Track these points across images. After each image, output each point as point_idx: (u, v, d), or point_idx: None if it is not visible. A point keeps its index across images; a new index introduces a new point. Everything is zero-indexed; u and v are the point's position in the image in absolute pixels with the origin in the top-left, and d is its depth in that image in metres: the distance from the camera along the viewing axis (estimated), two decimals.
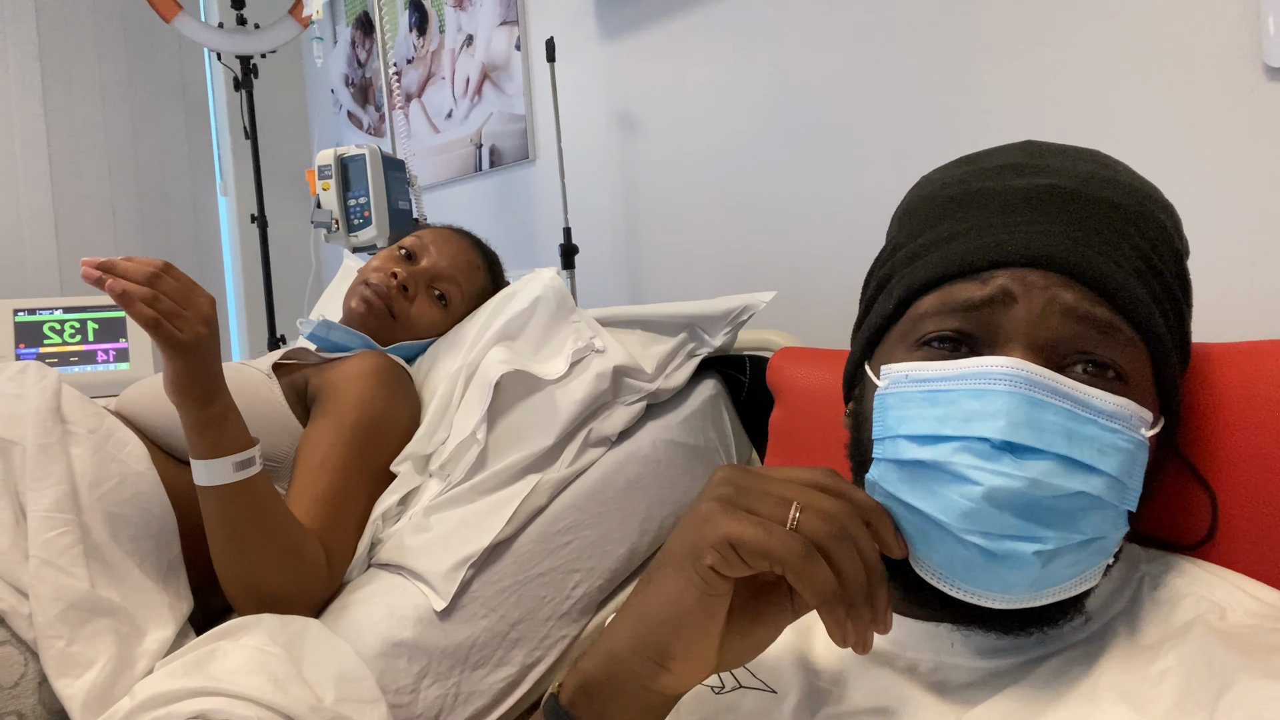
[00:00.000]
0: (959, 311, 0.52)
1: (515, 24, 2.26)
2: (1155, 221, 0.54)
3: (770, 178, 1.71)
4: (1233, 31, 1.13)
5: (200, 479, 0.90)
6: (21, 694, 0.80)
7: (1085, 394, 0.48)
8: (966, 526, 0.47)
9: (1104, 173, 0.55)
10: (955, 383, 0.50)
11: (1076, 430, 0.47)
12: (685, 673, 0.48)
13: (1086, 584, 0.50)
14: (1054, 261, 0.51)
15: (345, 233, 1.88)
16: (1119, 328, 0.50)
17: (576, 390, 1.19)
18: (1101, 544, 0.49)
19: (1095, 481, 0.47)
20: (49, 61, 2.73)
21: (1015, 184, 0.55)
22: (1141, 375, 0.51)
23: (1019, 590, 0.48)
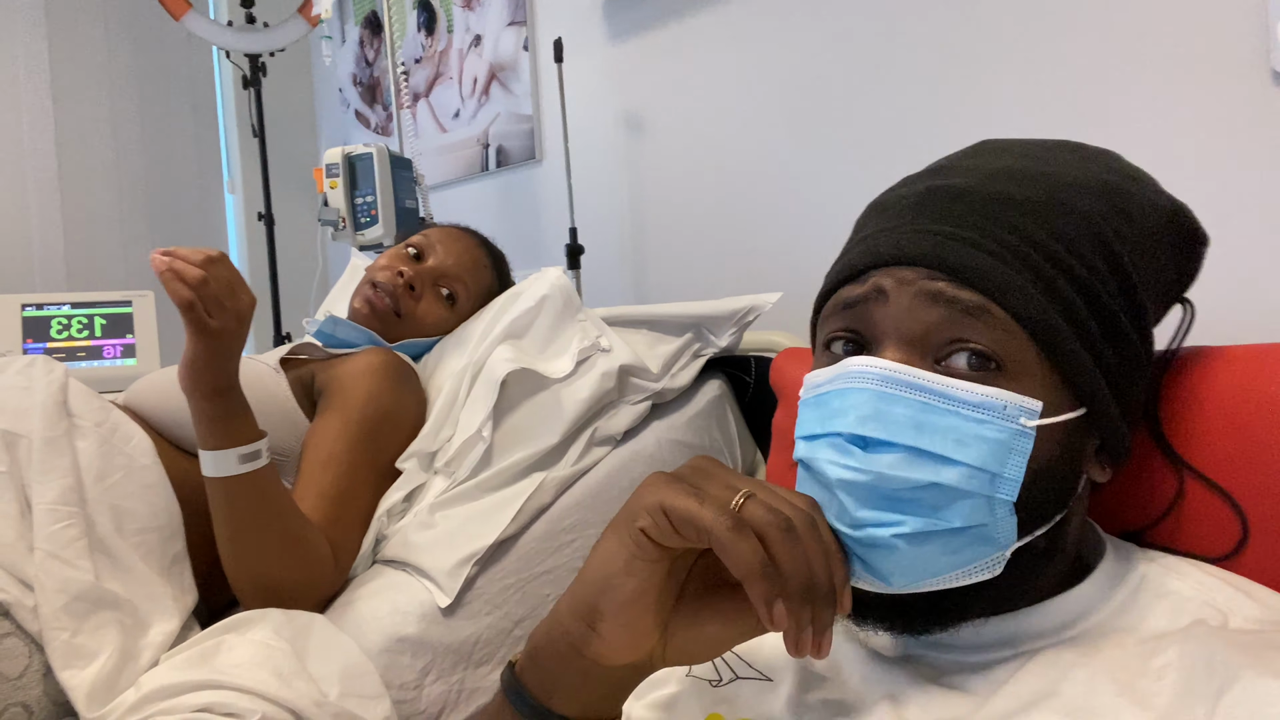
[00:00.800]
0: (844, 310, 0.55)
1: (523, 24, 2.27)
2: (1069, 211, 0.53)
3: (777, 179, 1.71)
4: (1240, 36, 1.13)
5: (207, 470, 0.90)
6: (27, 685, 0.80)
7: (946, 386, 0.49)
8: (830, 517, 0.50)
9: (1021, 166, 0.56)
10: (829, 385, 0.53)
11: (930, 422, 0.48)
12: (614, 639, 0.48)
13: (978, 575, 0.50)
14: (918, 258, 0.52)
15: (352, 231, 1.88)
16: (989, 310, 0.50)
17: (582, 389, 1.19)
18: (982, 532, 0.49)
19: (950, 472, 0.48)
20: (58, 58, 2.74)
21: (912, 189, 0.58)
22: (1025, 361, 0.50)
23: (896, 579, 0.50)
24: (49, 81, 2.72)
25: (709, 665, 0.59)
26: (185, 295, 0.84)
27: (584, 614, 0.48)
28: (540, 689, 0.50)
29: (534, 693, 0.50)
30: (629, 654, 0.49)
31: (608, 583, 0.47)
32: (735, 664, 0.58)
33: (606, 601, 0.47)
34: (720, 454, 1.33)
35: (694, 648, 0.50)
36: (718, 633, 0.49)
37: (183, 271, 0.84)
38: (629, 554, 0.47)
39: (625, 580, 0.47)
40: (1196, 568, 0.55)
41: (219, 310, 0.86)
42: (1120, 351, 0.53)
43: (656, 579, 0.47)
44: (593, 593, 0.48)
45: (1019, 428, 0.49)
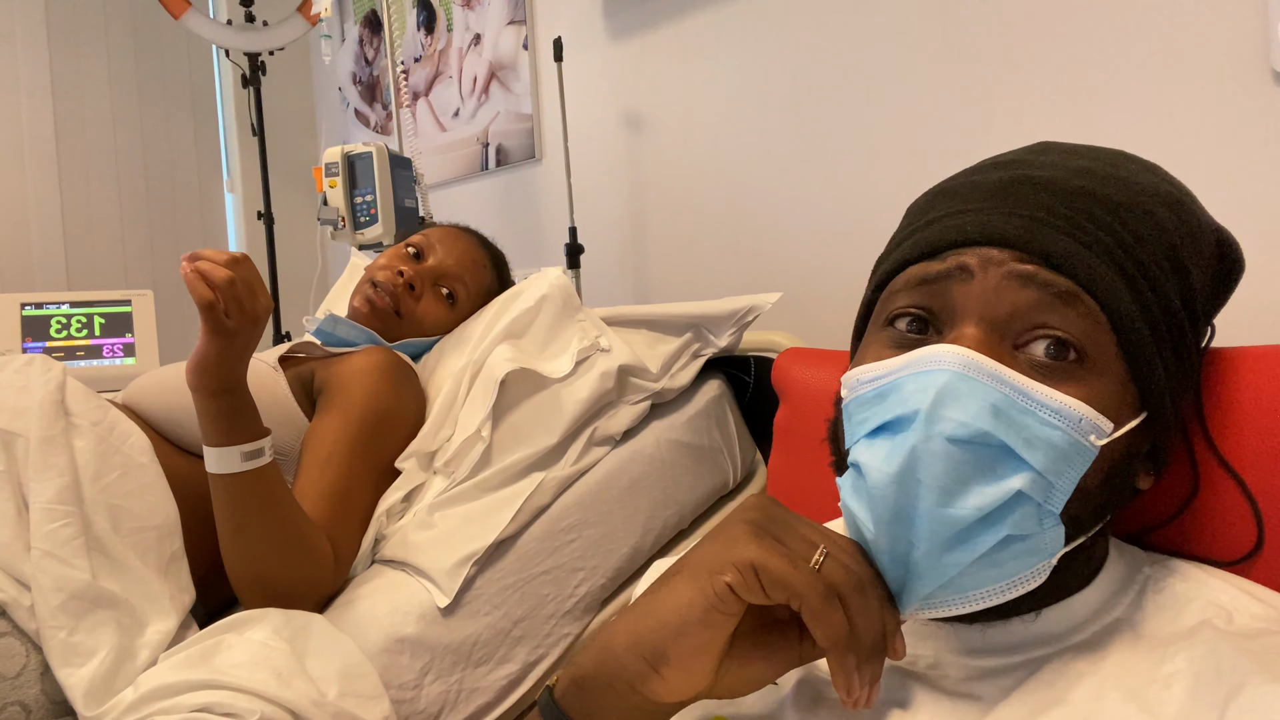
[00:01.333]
0: (919, 286, 0.53)
1: (523, 23, 2.26)
2: (1145, 213, 0.53)
3: (776, 178, 1.71)
4: (1240, 36, 1.13)
5: (211, 466, 0.90)
6: (24, 684, 0.80)
7: (1027, 385, 0.48)
8: (892, 485, 0.48)
9: (1098, 167, 0.55)
10: (899, 373, 0.51)
11: (1008, 413, 0.47)
12: (675, 681, 0.47)
13: (1022, 587, 0.48)
14: (1010, 239, 0.51)
15: (351, 230, 1.88)
16: (1080, 298, 0.49)
17: (581, 389, 1.19)
18: (1029, 543, 0.47)
19: (1017, 478, 0.46)
20: (57, 57, 2.74)
21: (995, 176, 0.56)
22: (1106, 357, 0.49)
23: (940, 598, 0.48)
24: (49, 81, 2.72)
25: None
26: (208, 295, 0.85)
27: (648, 655, 0.47)
28: (581, 715, 0.49)
29: (574, 718, 0.50)
30: (685, 695, 0.49)
31: (682, 630, 0.46)
32: None
33: (676, 648, 0.47)
34: (719, 454, 1.33)
35: (740, 685, 0.50)
36: (764, 671, 0.49)
37: (209, 273, 0.85)
38: (708, 604, 0.46)
39: (701, 631, 0.46)
40: (1199, 569, 0.55)
41: (237, 311, 0.86)
42: (1180, 358, 0.53)
43: (730, 629, 0.47)
44: (663, 638, 0.47)
45: (1086, 444, 0.48)
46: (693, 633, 0.46)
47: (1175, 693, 0.45)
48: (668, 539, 1.23)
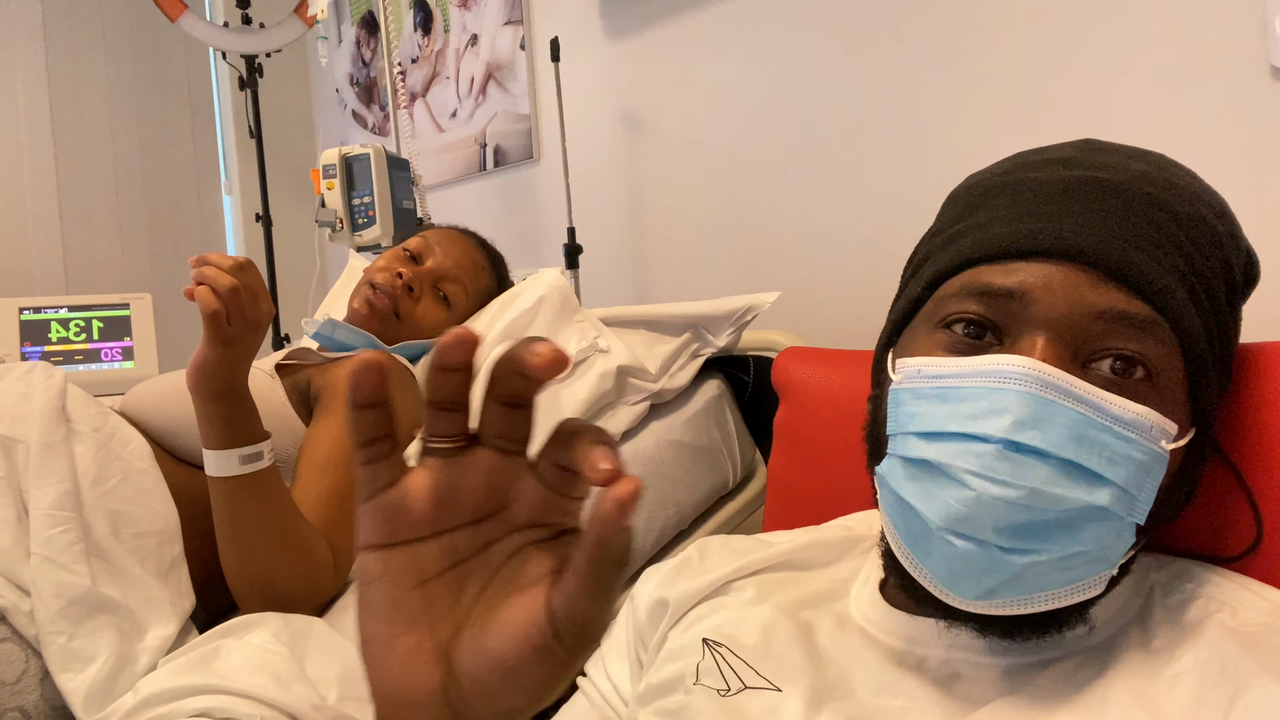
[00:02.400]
0: (981, 296, 0.51)
1: (520, 23, 2.26)
2: (1205, 225, 0.52)
3: (775, 178, 1.71)
4: (1238, 32, 1.13)
5: (210, 469, 0.90)
6: (24, 690, 0.80)
7: (1103, 400, 0.46)
8: (952, 530, 0.46)
9: (1156, 173, 0.53)
10: (967, 380, 0.48)
11: (1088, 435, 0.45)
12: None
13: (1084, 593, 0.48)
14: (1085, 254, 0.49)
15: (350, 232, 1.88)
16: (1157, 324, 0.48)
17: (580, 390, 1.19)
18: (1102, 554, 0.47)
19: (1102, 492, 0.45)
20: (55, 60, 2.73)
21: (1058, 175, 0.54)
22: (1173, 376, 0.49)
23: (1003, 595, 0.47)
24: (46, 84, 2.71)
25: (718, 675, 0.57)
26: (213, 305, 0.85)
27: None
28: None
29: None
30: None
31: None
32: (745, 673, 0.57)
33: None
34: (719, 454, 1.33)
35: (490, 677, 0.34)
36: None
37: (214, 280, 0.85)
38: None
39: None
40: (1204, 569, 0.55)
41: (239, 318, 0.87)
42: (1224, 378, 0.53)
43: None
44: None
45: (1159, 450, 0.47)
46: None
47: (1180, 694, 0.45)
48: (668, 539, 1.23)
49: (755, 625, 0.60)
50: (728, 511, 1.33)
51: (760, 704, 0.55)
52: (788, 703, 0.54)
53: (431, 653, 0.34)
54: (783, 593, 0.64)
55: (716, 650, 0.59)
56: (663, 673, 0.61)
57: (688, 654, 0.60)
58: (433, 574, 0.34)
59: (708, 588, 0.66)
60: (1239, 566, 0.56)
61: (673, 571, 0.69)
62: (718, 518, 1.32)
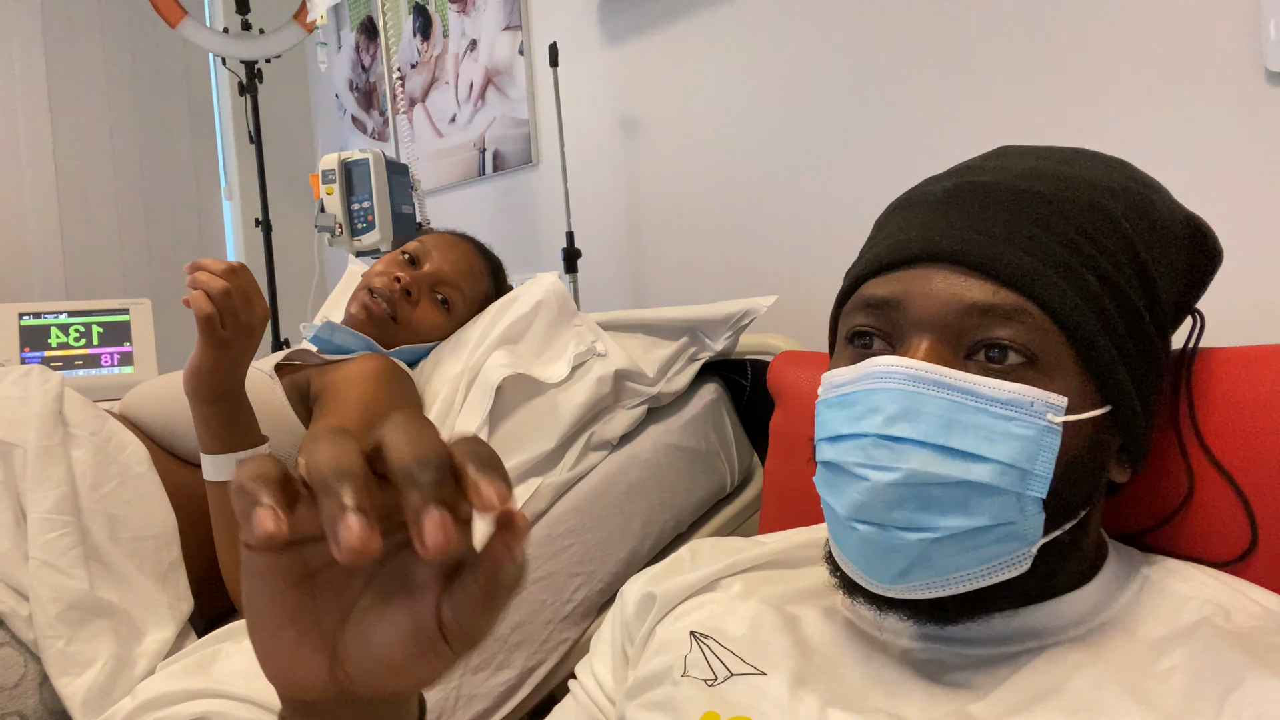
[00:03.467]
0: (868, 308, 0.55)
1: (518, 29, 2.27)
2: (1096, 209, 0.53)
3: (772, 182, 1.72)
4: (1234, 36, 1.13)
5: (208, 474, 0.91)
6: (23, 694, 0.81)
7: (975, 384, 0.49)
8: (857, 518, 0.51)
9: (1048, 166, 0.56)
10: (854, 385, 0.53)
11: (960, 420, 0.49)
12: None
13: (1003, 573, 0.50)
14: (953, 254, 0.52)
15: (349, 237, 1.88)
16: (1026, 310, 0.50)
17: (578, 394, 1.19)
18: (1010, 529, 0.49)
19: (981, 469, 0.48)
20: (54, 67, 2.74)
21: (942, 186, 0.57)
22: (1057, 356, 0.51)
23: (920, 577, 0.50)
24: (45, 90, 2.72)
25: (705, 665, 0.58)
26: (207, 309, 0.85)
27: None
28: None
29: None
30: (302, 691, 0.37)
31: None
32: (731, 661, 0.58)
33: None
34: (717, 457, 1.33)
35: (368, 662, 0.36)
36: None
37: (207, 284, 0.85)
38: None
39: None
40: (1197, 569, 0.56)
41: (233, 321, 0.87)
42: (1143, 350, 0.54)
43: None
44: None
45: (1047, 424, 0.49)
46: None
47: (1173, 686, 0.46)
48: (665, 543, 1.23)
49: (743, 617, 0.61)
50: (725, 515, 1.33)
51: (746, 688, 0.55)
52: (772, 684, 0.55)
53: (316, 644, 0.35)
54: (770, 588, 0.64)
55: (704, 642, 0.60)
56: (651, 665, 0.61)
57: (675, 647, 0.61)
58: (317, 570, 0.35)
59: (696, 583, 0.67)
60: (1234, 570, 0.57)
61: (663, 570, 0.71)
62: (715, 521, 1.32)
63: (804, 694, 0.53)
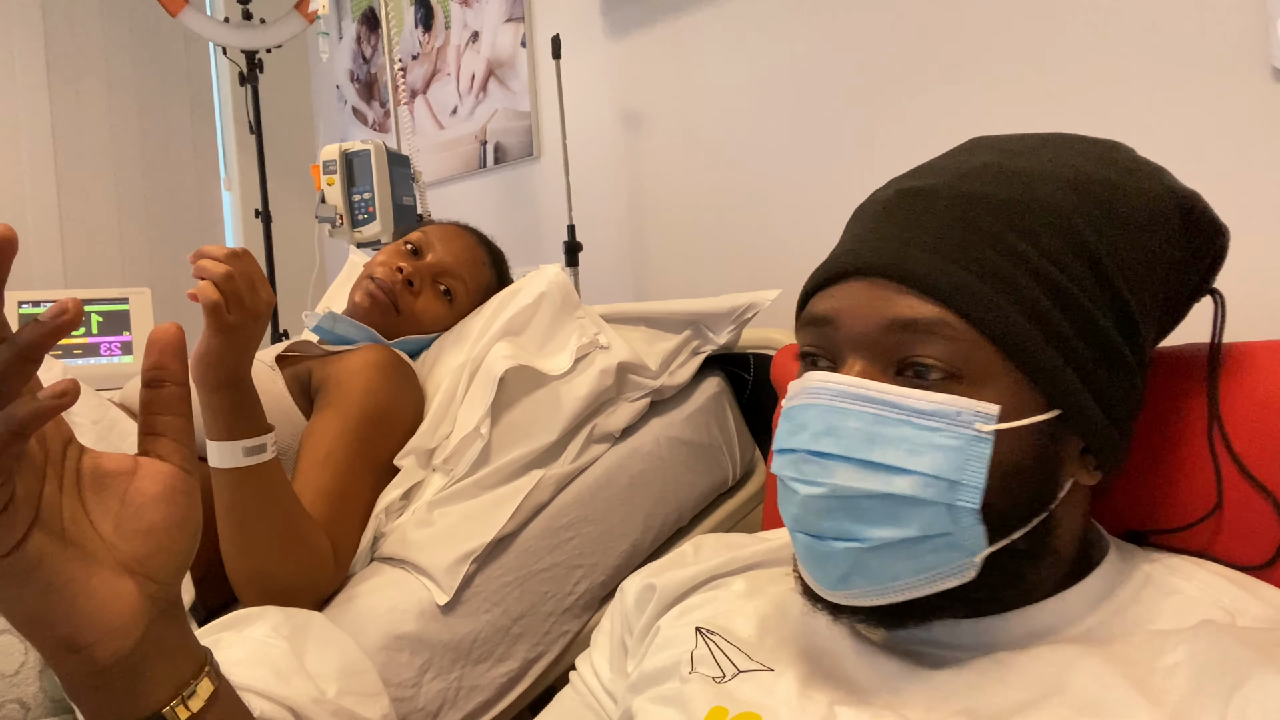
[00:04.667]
0: (809, 326, 0.56)
1: (521, 21, 2.26)
2: (1040, 207, 0.52)
3: (775, 175, 1.71)
4: (1240, 33, 1.13)
5: (213, 460, 0.90)
6: (23, 681, 0.80)
7: (899, 397, 0.49)
8: (796, 528, 0.53)
9: (1002, 161, 0.55)
10: (793, 400, 0.54)
11: (882, 433, 0.49)
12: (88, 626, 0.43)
13: (946, 581, 0.50)
14: (876, 268, 0.52)
15: (349, 228, 1.88)
16: (946, 323, 0.50)
17: (581, 386, 1.19)
18: (946, 540, 0.49)
19: (903, 481, 0.48)
20: (55, 54, 2.73)
21: (884, 193, 0.58)
22: (988, 368, 0.50)
23: (859, 585, 0.51)
24: (45, 78, 2.71)
25: (712, 662, 0.58)
26: (213, 297, 0.84)
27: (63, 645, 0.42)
28: None
29: None
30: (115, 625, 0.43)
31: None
32: (737, 658, 0.58)
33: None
34: (719, 451, 1.33)
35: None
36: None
37: (210, 270, 0.85)
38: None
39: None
40: (1201, 567, 0.55)
41: (238, 306, 0.86)
42: (1101, 351, 0.52)
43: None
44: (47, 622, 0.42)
45: (975, 434, 0.49)
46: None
47: (1178, 682, 0.45)
48: (667, 536, 1.23)
49: (749, 616, 0.62)
50: (727, 509, 1.33)
51: (754, 685, 0.55)
52: (780, 682, 0.55)
53: (114, 571, 0.42)
54: (775, 586, 0.64)
55: (710, 639, 0.60)
56: (656, 660, 0.61)
57: (681, 642, 0.61)
58: (48, 524, 0.41)
59: (697, 577, 0.67)
60: (1263, 576, 0.55)
61: (665, 563, 0.72)
62: (717, 515, 1.32)
63: (812, 692, 0.54)
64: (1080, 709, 0.46)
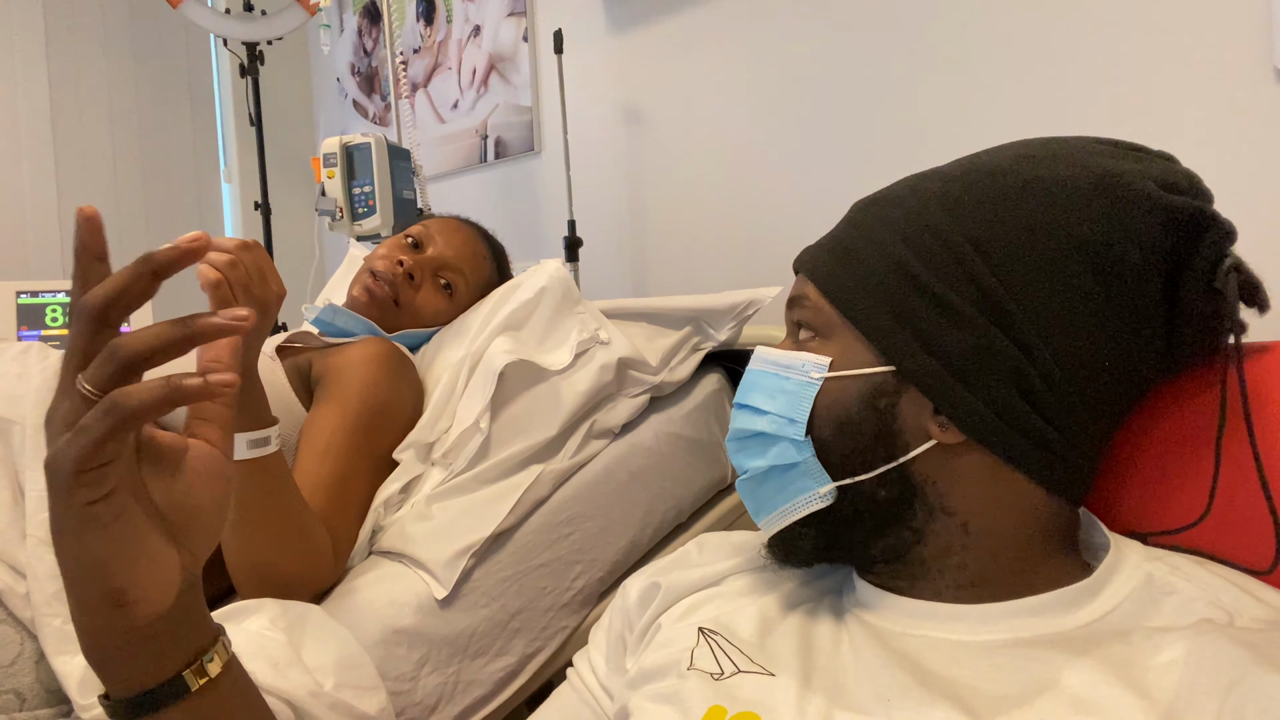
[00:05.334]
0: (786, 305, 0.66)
1: (523, 15, 2.26)
2: (913, 197, 0.59)
3: (776, 172, 1.71)
4: (1243, 34, 1.13)
5: None
6: (19, 672, 0.80)
7: (773, 355, 0.61)
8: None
9: (944, 167, 0.62)
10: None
11: (759, 383, 0.62)
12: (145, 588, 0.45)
13: (807, 507, 0.58)
14: (796, 263, 0.65)
15: (349, 221, 1.88)
16: (808, 295, 0.61)
17: (580, 381, 1.19)
18: (798, 469, 0.59)
19: (762, 420, 0.60)
20: (55, 45, 2.72)
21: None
22: (832, 328, 0.59)
23: (762, 516, 0.62)
24: (45, 69, 2.70)
25: (712, 660, 0.58)
26: (212, 277, 0.83)
27: (110, 602, 0.44)
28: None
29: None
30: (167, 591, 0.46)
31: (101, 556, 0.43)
32: (737, 658, 0.58)
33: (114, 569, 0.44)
34: (718, 447, 1.32)
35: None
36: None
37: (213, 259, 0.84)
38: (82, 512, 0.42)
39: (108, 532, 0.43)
40: (1202, 566, 0.55)
41: (245, 296, 0.85)
42: (948, 317, 0.55)
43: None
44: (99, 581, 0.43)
45: (807, 379, 0.59)
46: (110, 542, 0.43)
47: (1173, 679, 0.45)
48: (666, 532, 1.23)
49: (751, 618, 0.62)
50: (726, 505, 1.33)
51: (753, 685, 0.55)
52: (780, 684, 0.55)
53: (163, 534, 0.45)
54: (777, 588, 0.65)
55: (711, 638, 0.60)
56: (656, 657, 0.62)
57: (682, 640, 0.61)
58: (131, 484, 0.44)
59: (702, 580, 0.68)
60: (1270, 580, 0.54)
61: (670, 562, 0.72)
62: (716, 511, 1.32)
63: (812, 694, 0.54)
64: (1074, 706, 0.46)
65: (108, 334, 0.42)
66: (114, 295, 0.41)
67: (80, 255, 0.43)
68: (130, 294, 0.41)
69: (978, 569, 0.56)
